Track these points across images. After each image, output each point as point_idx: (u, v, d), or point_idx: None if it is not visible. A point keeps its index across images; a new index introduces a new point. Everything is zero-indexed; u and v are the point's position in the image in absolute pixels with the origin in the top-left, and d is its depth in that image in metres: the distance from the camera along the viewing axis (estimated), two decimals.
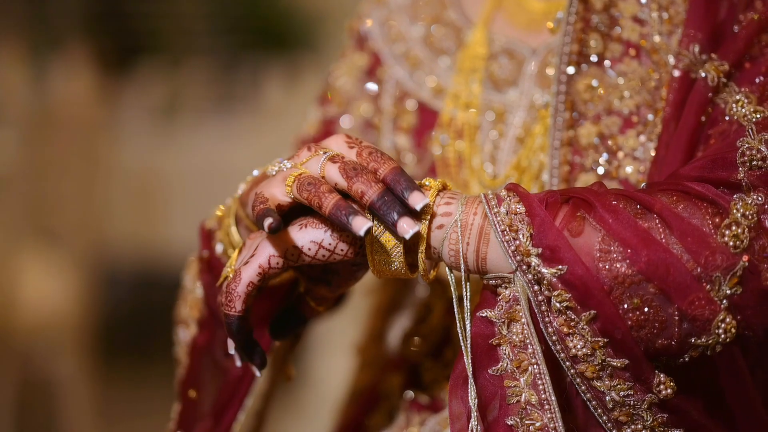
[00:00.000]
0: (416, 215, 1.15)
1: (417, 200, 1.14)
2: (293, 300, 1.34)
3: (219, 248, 1.41)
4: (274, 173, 1.23)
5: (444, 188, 1.20)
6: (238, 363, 1.29)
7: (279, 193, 1.19)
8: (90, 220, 4.53)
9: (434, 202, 1.17)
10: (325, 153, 1.19)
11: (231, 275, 1.21)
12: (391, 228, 1.14)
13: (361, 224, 1.13)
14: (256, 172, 1.35)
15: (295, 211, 1.21)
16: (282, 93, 4.76)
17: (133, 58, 5.07)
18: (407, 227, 1.13)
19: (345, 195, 1.17)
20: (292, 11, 4.96)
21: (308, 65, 4.59)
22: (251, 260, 1.20)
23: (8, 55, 4.44)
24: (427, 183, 1.19)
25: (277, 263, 1.19)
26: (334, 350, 3.19)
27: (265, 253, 1.19)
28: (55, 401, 4.15)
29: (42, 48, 4.73)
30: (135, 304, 4.73)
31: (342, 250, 1.19)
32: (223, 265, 1.38)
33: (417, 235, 1.15)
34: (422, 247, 1.17)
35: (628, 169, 1.36)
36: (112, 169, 4.73)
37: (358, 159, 1.19)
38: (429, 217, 1.17)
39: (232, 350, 1.25)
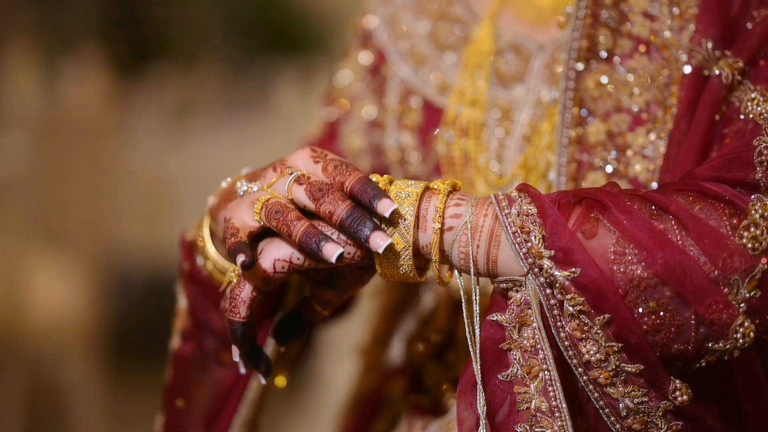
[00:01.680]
0: (389, 221, 1.14)
1: (385, 207, 1.12)
2: (298, 304, 1.32)
3: (200, 260, 1.39)
4: (241, 193, 1.21)
5: (453, 190, 1.17)
6: (242, 370, 1.27)
7: (248, 218, 1.18)
8: (100, 224, 4.54)
9: (444, 204, 1.15)
10: (291, 173, 1.17)
11: (234, 280, 1.19)
12: (364, 245, 1.12)
13: (331, 251, 1.11)
14: (224, 184, 1.32)
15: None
16: (294, 97, 4.75)
17: (145, 62, 5.06)
18: (380, 242, 1.11)
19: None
20: (305, 15, 4.95)
21: (321, 69, 4.57)
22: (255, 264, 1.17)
23: (21, 58, 4.45)
24: (435, 186, 1.17)
25: (283, 267, 1.16)
26: (340, 354, 3.18)
27: (270, 258, 1.17)
28: (65, 406, 4.15)
29: (54, 51, 4.73)
30: (145, 308, 4.71)
31: (350, 253, 1.16)
32: (205, 277, 1.37)
33: (426, 240, 1.14)
34: (435, 255, 1.15)
35: (638, 168, 1.33)
36: (124, 173, 4.73)
37: (323, 174, 1.17)
38: (439, 222, 1.14)
39: (236, 357, 1.22)
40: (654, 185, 1.31)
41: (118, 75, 4.74)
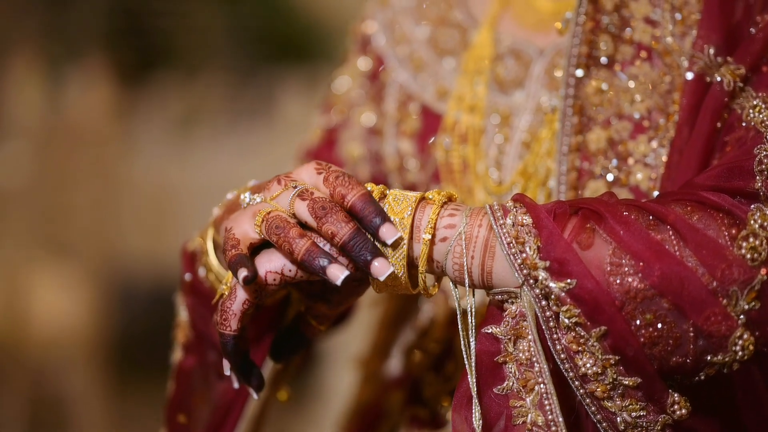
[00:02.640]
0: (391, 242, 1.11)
1: (388, 235, 1.10)
2: (293, 320, 1.30)
3: (202, 272, 1.37)
4: (245, 205, 1.19)
5: (449, 200, 1.15)
6: (236, 385, 1.25)
7: (249, 229, 1.16)
8: (103, 234, 4.53)
9: (438, 215, 1.13)
10: (295, 187, 1.15)
11: (226, 292, 1.17)
12: (364, 269, 1.10)
13: (337, 273, 1.09)
14: (229, 196, 1.30)
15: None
16: (299, 106, 4.73)
17: (150, 72, 5.06)
18: (382, 268, 1.09)
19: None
20: (310, 24, 4.94)
21: (326, 78, 4.54)
22: None
23: (25, 67, 4.45)
24: (430, 197, 1.15)
25: (274, 279, 1.15)
26: (340, 364, 3.17)
27: (261, 270, 1.15)
28: (67, 417, 4.14)
29: (59, 60, 4.73)
30: (148, 318, 4.70)
31: (342, 264, 1.14)
32: (207, 288, 1.35)
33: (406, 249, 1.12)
34: (422, 266, 1.13)
35: (639, 176, 1.31)
36: (127, 183, 4.72)
37: (324, 186, 1.14)
38: (429, 233, 1.12)
39: (227, 371, 1.20)
40: (656, 194, 1.29)
41: (122, 84, 4.74)
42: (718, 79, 1.23)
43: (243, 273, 1.11)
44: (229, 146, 4.81)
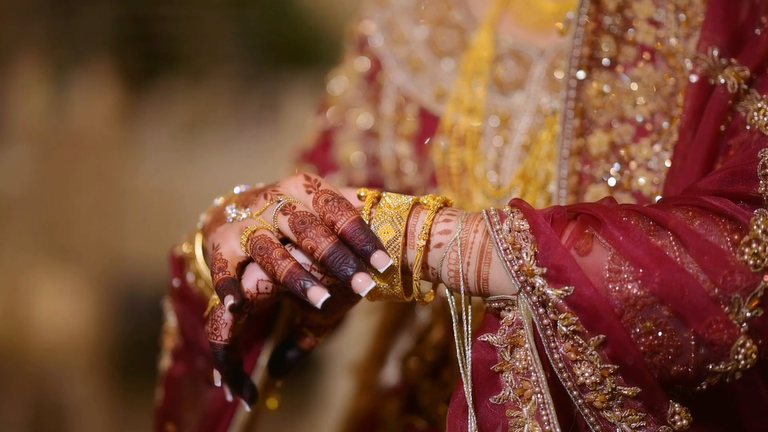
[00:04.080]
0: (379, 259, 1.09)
1: (381, 262, 1.08)
2: (289, 334, 1.28)
3: (190, 277, 1.35)
4: (231, 220, 1.18)
5: (444, 205, 1.14)
6: (229, 397, 1.23)
7: (237, 247, 1.15)
8: (107, 240, 4.53)
9: (433, 220, 1.11)
10: (279, 201, 1.13)
11: (218, 302, 1.15)
12: (345, 283, 1.08)
13: (318, 296, 1.08)
14: (217, 201, 1.28)
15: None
16: (305, 112, 4.69)
17: (155, 77, 5.06)
18: (364, 285, 1.07)
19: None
20: (316, 30, 4.94)
21: None
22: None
23: (31, 71, 4.45)
24: (425, 201, 1.13)
25: (266, 288, 1.14)
26: (336, 372, 3.16)
27: (252, 278, 1.14)
28: (69, 426, 4.13)
29: (65, 65, 4.73)
30: (152, 325, 4.69)
31: (323, 287, 1.11)
32: (196, 294, 1.33)
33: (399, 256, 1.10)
34: (417, 272, 1.11)
35: (641, 181, 1.29)
36: (131, 188, 4.72)
37: (314, 207, 1.13)
38: (423, 240, 1.10)
39: (218, 382, 1.19)
40: (658, 199, 1.26)
41: (127, 90, 4.74)
42: (722, 81, 1.21)
43: (230, 301, 1.10)
44: (234, 152, 4.81)
